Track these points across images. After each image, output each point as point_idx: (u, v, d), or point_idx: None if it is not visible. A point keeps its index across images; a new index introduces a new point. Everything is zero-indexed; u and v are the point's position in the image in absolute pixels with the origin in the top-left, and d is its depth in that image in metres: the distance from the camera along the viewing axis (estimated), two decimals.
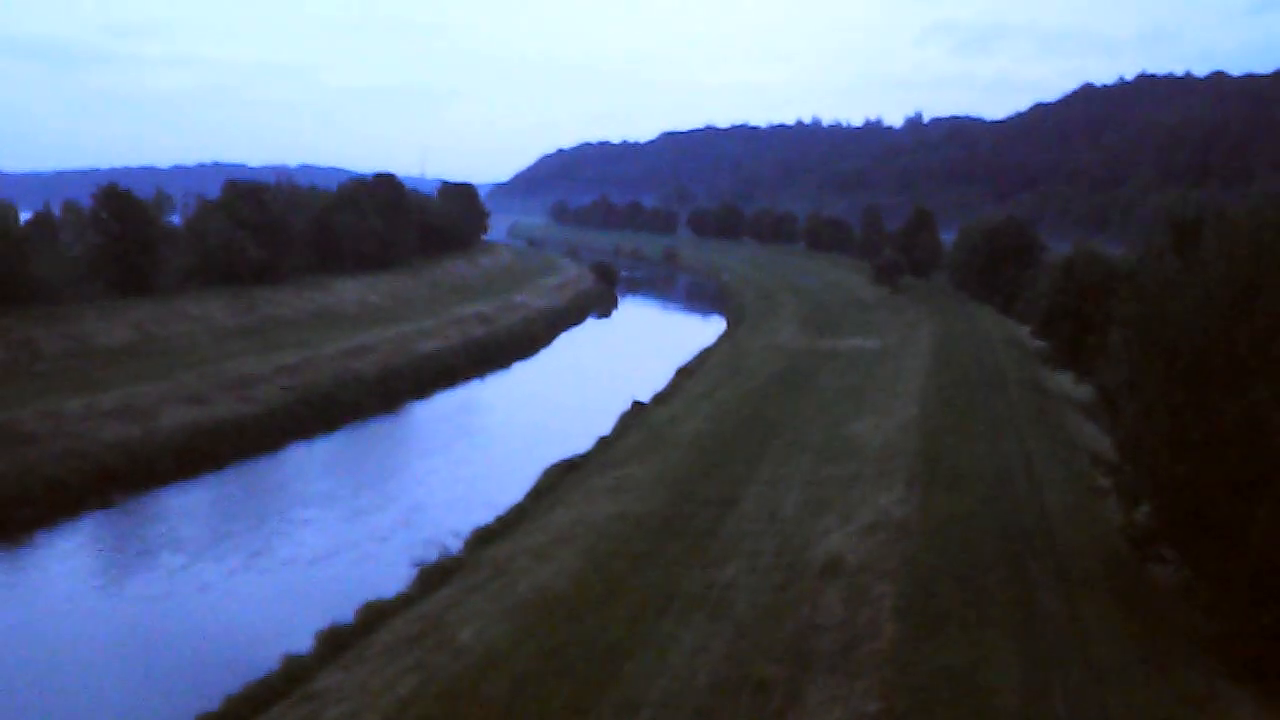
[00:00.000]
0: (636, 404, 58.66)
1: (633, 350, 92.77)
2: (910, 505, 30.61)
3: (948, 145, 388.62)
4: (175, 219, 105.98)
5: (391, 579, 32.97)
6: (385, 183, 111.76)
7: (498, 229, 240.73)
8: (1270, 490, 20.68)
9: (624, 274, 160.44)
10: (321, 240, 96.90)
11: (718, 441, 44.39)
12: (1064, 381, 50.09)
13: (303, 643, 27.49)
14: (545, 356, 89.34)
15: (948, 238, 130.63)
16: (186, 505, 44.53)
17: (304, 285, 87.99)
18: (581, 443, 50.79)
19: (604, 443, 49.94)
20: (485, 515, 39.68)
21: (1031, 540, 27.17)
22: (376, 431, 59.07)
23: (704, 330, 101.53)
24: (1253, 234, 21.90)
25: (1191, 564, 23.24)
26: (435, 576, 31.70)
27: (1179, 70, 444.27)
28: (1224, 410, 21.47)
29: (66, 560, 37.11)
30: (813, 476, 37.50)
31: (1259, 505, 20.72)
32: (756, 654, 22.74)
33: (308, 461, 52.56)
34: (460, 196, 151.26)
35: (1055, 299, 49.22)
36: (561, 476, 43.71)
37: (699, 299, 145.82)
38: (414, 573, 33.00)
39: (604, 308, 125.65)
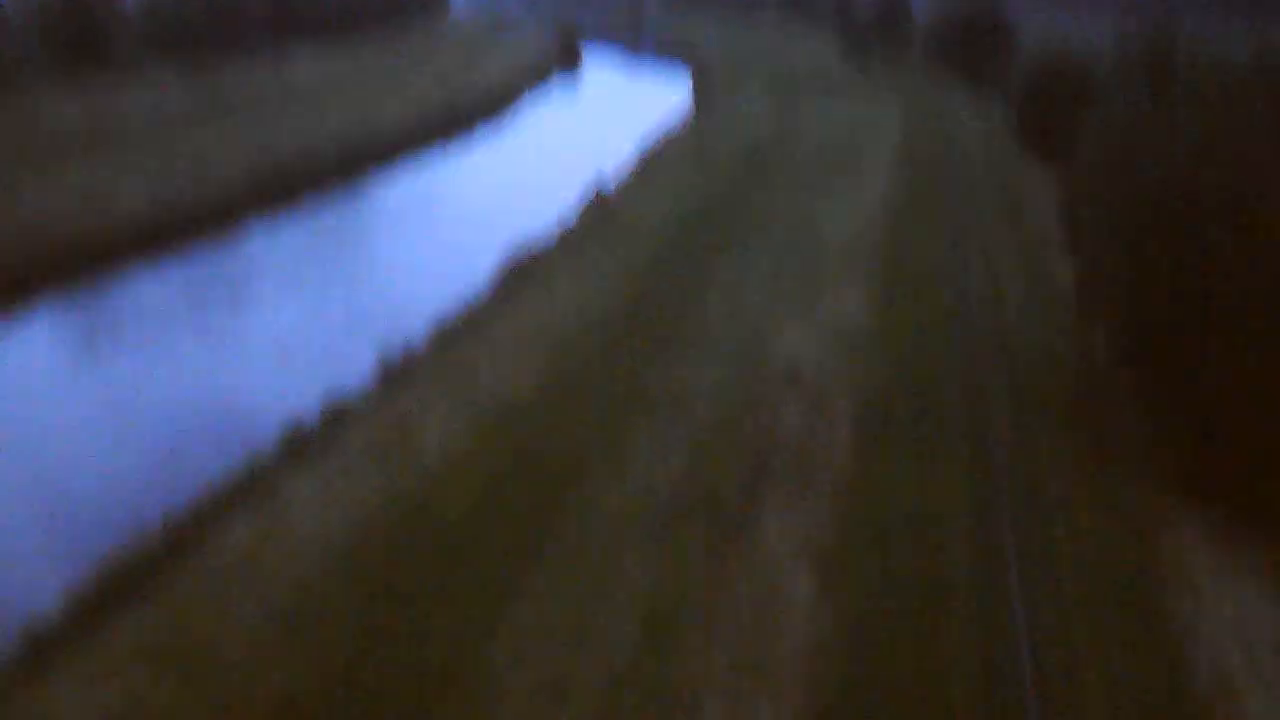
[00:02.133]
0: (599, 193, 58.03)
1: (597, 125, 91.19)
2: (870, 312, 31.01)
3: None
4: None
5: (355, 376, 33.25)
6: None
7: None
8: (1223, 325, 21.15)
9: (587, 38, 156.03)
10: (279, 8, 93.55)
11: (682, 231, 44.31)
12: (1033, 167, 49.95)
13: (268, 439, 27.93)
14: (507, 129, 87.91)
15: (918, 4, 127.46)
16: (149, 290, 44.25)
17: (262, 57, 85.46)
18: (544, 225, 50.90)
19: (566, 230, 49.77)
20: (449, 303, 40.00)
21: (990, 359, 27.70)
22: (341, 211, 58.40)
23: (669, 99, 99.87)
24: (1221, 85, 21.78)
25: (1145, 393, 23.91)
26: (399, 377, 32.00)
27: None
28: (1183, 247, 21.75)
29: (33, 346, 37.14)
30: (776, 269, 37.70)
31: (1212, 338, 21.24)
32: (715, 472, 23.45)
33: (272, 245, 52.02)
34: None
35: (1025, 84, 48.55)
36: (524, 267, 43.69)
37: (667, 61, 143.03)
38: (378, 372, 33.24)
39: (569, 78, 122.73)
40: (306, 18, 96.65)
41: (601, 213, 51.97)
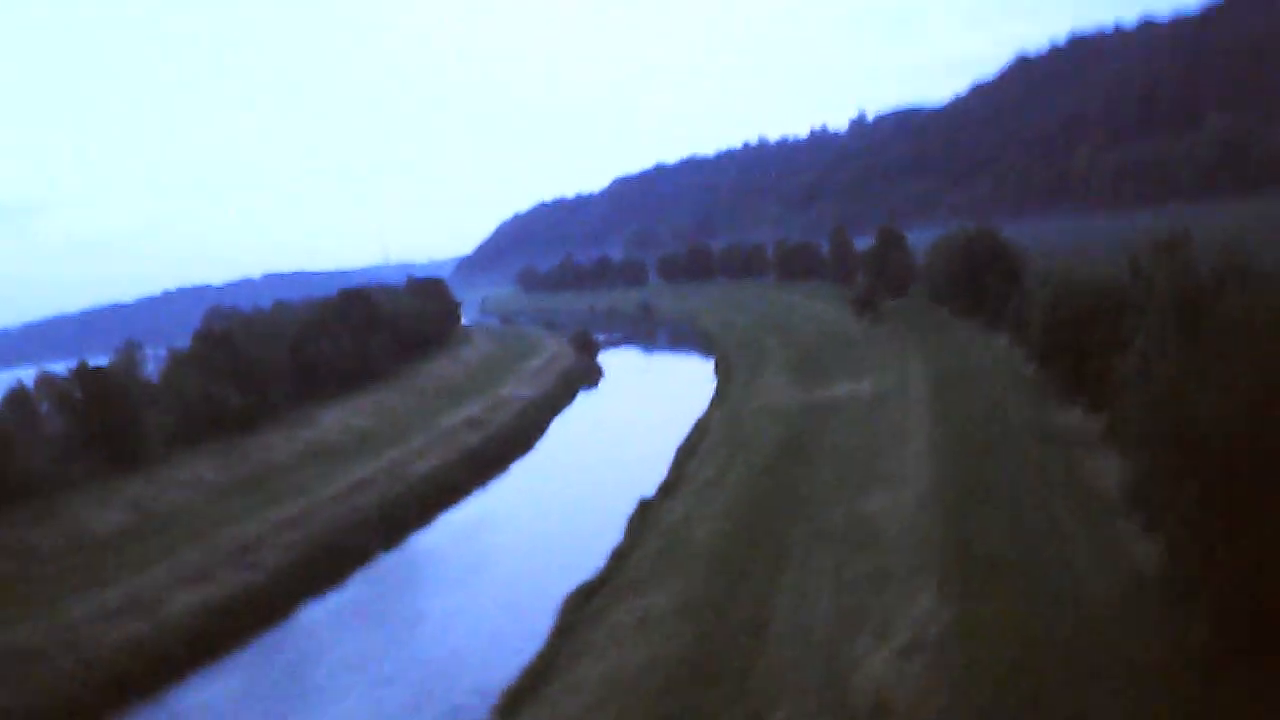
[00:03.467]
0: (643, 503, 57.64)
1: (627, 428, 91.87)
2: (947, 616, 29.71)
3: (896, 140, 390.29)
4: (149, 366, 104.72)
5: None
6: (354, 299, 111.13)
7: (469, 305, 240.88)
8: None
9: (602, 337, 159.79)
10: (299, 371, 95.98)
11: (734, 544, 43.42)
12: (1070, 419, 49.27)
13: None
14: (542, 449, 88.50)
15: (914, 237, 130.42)
16: (210, 701, 43.33)
17: (288, 422, 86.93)
18: (593, 555, 50.10)
19: (618, 556, 48.94)
20: (510, 666, 38.94)
21: (1086, 656, 26.17)
22: (385, 576, 57.94)
23: (693, 388, 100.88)
24: (1270, 326, 21.19)
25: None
26: None
27: (1108, 22, 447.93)
28: (1262, 509, 20.77)
29: None
30: (838, 580, 36.60)
31: None
32: None
33: (322, 624, 51.35)
34: (429, 290, 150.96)
35: (1049, 334, 48.46)
36: (581, 609, 42.66)
37: (682, 348, 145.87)
38: None
39: (590, 379, 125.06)
40: (325, 370, 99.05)
41: (649, 529, 51.34)
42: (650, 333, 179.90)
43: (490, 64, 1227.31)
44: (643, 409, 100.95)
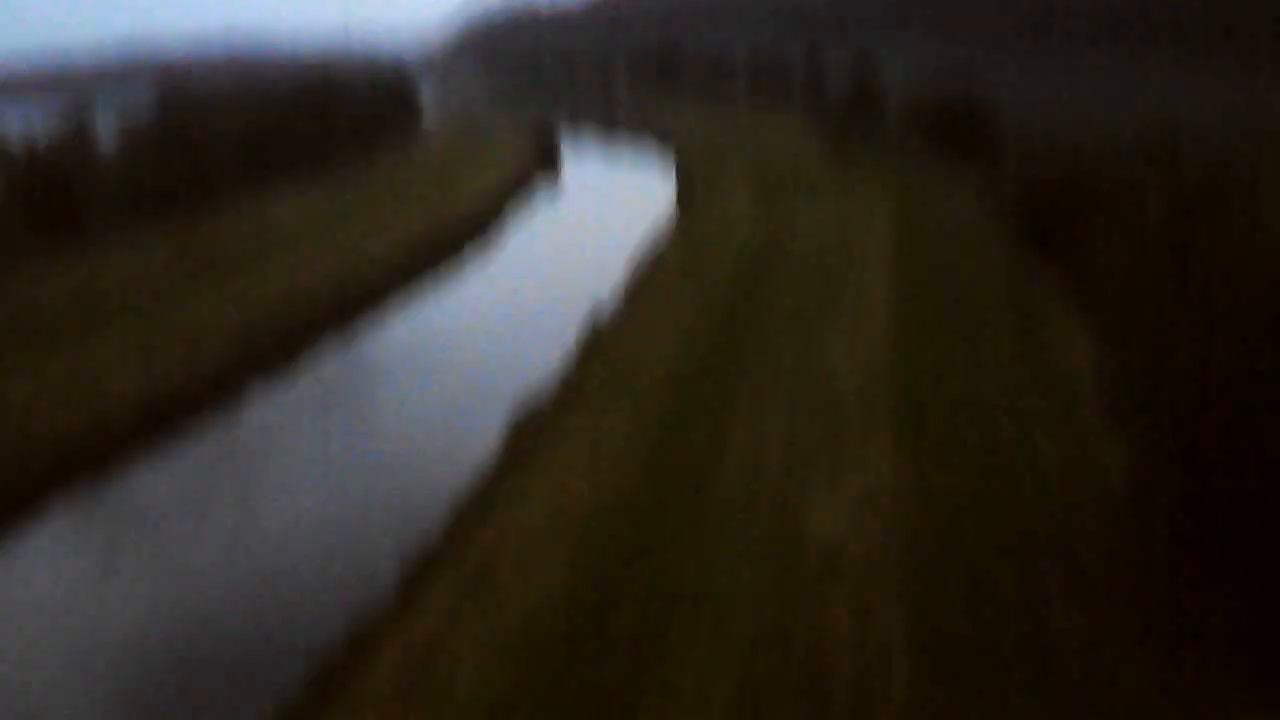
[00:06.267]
0: (595, 329, 57.19)
1: (584, 240, 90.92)
2: (902, 481, 29.99)
3: None
4: (99, 127, 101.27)
5: (373, 583, 32.23)
6: (317, 82, 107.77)
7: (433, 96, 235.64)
8: None
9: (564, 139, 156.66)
10: (254, 152, 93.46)
11: (684, 385, 43.23)
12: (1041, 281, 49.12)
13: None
14: (499, 256, 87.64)
15: (886, 56, 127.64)
16: (157, 485, 43.14)
17: (239, 209, 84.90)
18: (540, 372, 50.48)
19: (565, 384, 48.73)
20: (458, 476, 39.21)
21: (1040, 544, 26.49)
22: (335, 373, 57.50)
23: (653, 203, 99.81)
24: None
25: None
26: (416, 574, 31.03)
27: None
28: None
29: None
30: (791, 431, 36.72)
31: None
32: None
33: (269, 418, 50.99)
34: (393, 78, 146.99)
35: (1026, 204, 47.73)
36: (528, 434, 42.58)
37: (644, 158, 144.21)
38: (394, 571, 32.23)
39: (550, 184, 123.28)
40: (281, 154, 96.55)
41: (598, 353, 51.10)
42: (612, 131, 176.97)
43: None
44: (600, 219, 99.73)
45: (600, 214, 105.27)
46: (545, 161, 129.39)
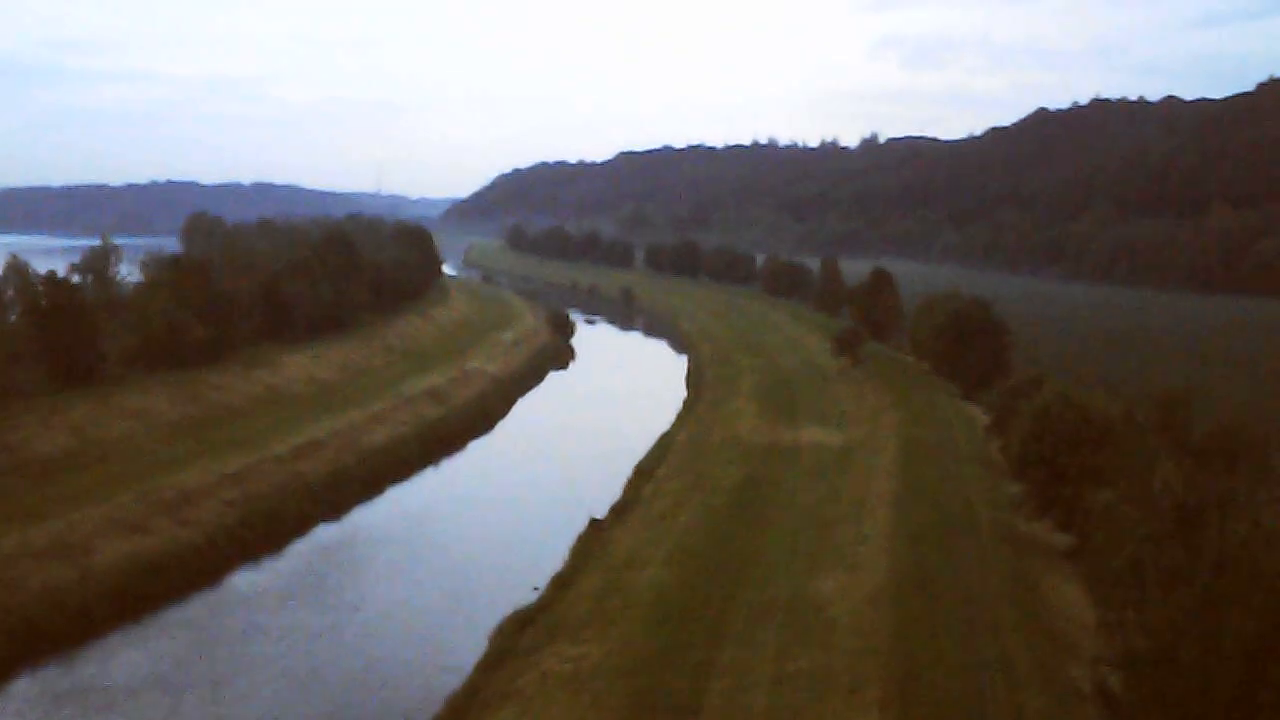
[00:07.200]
0: (594, 523, 56.84)
1: (590, 423, 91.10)
2: None
3: (903, 168, 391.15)
4: (121, 270, 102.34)
5: None
6: (337, 244, 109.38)
7: (455, 250, 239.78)
8: None
9: (581, 318, 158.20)
10: (270, 310, 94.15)
11: (677, 607, 42.41)
12: (1039, 529, 48.66)
13: None
14: (502, 431, 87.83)
15: (904, 269, 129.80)
16: (129, 665, 42.08)
17: (250, 363, 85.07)
18: (534, 568, 50.35)
19: (560, 583, 47.95)
20: (441, 681, 38.31)
21: None
22: (323, 554, 56.67)
23: (662, 395, 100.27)
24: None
25: None
26: None
27: (1131, 88, 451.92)
28: None
29: None
30: (779, 671, 35.84)
31: None
32: None
33: (254, 598, 50.10)
34: (413, 239, 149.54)
35: (1029, 445, 47.61)
36: (513, 642, 41.65)
37: (655, 336, 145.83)
38: None
39: (561, 362, 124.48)
40: (297, 315, 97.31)
41: (597, 556, 50.53)
42: (629, 318, 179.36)
43: (515, 26, 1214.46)
44: (607, 408, 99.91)
45: (610, 393, 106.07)
46: (558, 347, 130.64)
